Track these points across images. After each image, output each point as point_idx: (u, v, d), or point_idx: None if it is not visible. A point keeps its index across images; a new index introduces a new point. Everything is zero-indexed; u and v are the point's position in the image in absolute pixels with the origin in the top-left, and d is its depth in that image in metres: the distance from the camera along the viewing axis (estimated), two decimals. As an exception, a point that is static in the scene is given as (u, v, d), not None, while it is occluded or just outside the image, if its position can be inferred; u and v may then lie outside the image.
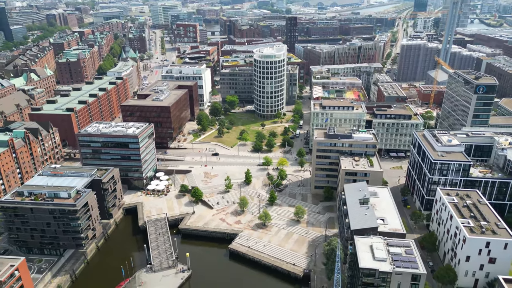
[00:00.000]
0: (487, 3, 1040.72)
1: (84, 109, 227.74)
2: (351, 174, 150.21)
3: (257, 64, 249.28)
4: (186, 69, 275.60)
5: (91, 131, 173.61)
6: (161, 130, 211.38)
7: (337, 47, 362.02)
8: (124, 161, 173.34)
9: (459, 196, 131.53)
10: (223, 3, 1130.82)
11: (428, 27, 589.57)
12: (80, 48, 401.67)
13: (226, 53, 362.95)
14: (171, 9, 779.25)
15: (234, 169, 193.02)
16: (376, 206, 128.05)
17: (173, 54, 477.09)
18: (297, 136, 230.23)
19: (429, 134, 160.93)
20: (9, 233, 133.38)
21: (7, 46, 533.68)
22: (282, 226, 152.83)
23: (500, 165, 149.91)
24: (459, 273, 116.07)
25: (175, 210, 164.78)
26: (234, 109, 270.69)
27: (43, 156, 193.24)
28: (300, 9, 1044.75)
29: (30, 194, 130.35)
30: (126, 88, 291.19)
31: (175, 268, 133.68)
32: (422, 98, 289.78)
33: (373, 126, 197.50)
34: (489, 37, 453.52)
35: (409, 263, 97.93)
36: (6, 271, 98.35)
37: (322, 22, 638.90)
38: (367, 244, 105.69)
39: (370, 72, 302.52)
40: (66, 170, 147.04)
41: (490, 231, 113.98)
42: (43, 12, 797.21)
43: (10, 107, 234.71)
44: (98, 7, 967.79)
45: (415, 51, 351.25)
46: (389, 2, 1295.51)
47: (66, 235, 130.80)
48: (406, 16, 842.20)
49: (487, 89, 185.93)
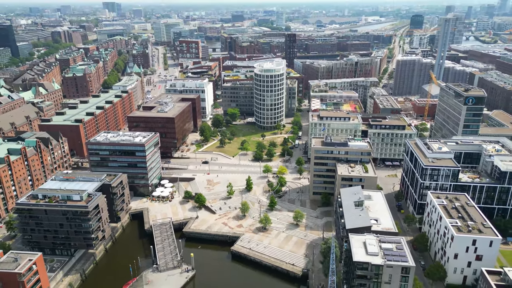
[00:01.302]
0: (482, 21, 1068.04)
1: (91, 121, 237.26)
2: (347, 180, 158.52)
3: (258, 78, 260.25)
4: (189, 83, 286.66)
5: (100, 140, 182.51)
6: (166, 140, 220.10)
7: (334, 62, 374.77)
8: (130, 169, 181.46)
9: (448, 199, 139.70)
10: (224, 21, 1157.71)
11: (423, 44, 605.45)
12: (86, 63, 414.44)
13: (227, 68, 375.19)
14: (173, 26, 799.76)
15: (235, 177, 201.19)
16: (370, 208, 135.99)
17: (176, 69, 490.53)
18: (296, 146, 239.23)
19: (420, 142, 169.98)
20: (23, 234, 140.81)
21: (13, 62, 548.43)
22: (282, 229, 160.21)
23: (488, 171, 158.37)
24: (448, 270, 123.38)
25: (179, 215, 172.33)
26: (235, 121, 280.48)
27: (53, 165, 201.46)
28: (299, 26, 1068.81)
29: (44, 197, 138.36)
30: (131, 101, 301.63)
31: (180, 268, 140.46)
32: (417, 111, 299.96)
33: (369, 136, 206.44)
34: (482, 53, 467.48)
35: (399, 257, 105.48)
36: (25, 265, 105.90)
37: (321, 39, 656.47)
38: (360, 240, 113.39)
39: (367, 86, 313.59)
40: (78, 175, 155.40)
41: (477, 230, 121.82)
42: (48, 29, 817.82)
43: (20, 118, 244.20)
44: (102, 24, 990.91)
45: (410, 66, 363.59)
46: (386, 20, 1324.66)
47: (77, 236, 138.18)
48: (402, 33, 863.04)
49: (476, 101, 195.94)
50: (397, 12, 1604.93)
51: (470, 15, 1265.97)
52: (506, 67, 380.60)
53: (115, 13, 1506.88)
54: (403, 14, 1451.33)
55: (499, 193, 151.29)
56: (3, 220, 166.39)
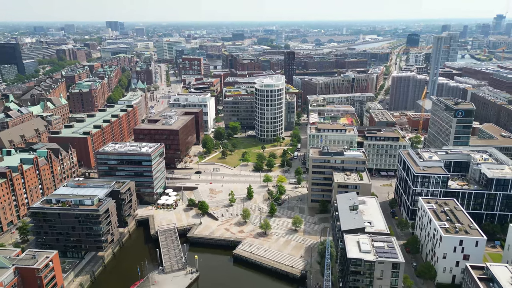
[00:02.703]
0: (478, 40, 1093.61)
1: (98, 133, 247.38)
2: (343, 187, 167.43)
3: (258, 93, 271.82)
4: (192, 97, 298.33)
5: (108, 150, 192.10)
6: (170, 152, 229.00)
7: (332, 78, 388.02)
8: (137, 177, 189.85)
9: (438, 204, 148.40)
10: (225, 39, 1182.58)
11: (419, 61, 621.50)
12: (91, 80, 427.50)
13: (229, 84, 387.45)
14: (175, 44, 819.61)
15: (237, 186, 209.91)
16: (364, 212, 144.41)
17: (178, 86, 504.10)
18: (295, 157, 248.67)
19: (412, 152, 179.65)
20: (36, 237, 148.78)
21: (20, 79, 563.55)
22: (281, 234, 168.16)
23: (476, 178, 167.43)
24: (438, 269, 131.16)
25: (183, 221, 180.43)
26: (236, 134, 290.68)
27: (62, 175, 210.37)
28: (298, 45, 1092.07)
29: (57, 201, 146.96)
30: (135, 115, 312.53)
31: (185, 270, 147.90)
32: (412, 125, 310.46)
33: (364, 147, 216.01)
34: (475, 70, 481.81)
35: (390, 254, 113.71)
36: (43, 261, 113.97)
37: (319, 57, 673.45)
38: (354, 240, 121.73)
39: (363, 101, 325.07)
40: (89, 182, 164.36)
41: (463, 231, 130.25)
42: (53, 48, 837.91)
43: (30, 131, 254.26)
44: (105, 43, 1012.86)
45: (405, 83, 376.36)
46: (384, 39, 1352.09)
47: (88, 238, 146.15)
48: (399, 51, 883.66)
49: (466, 113, 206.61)
50: (394, 31, 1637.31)
51: (466, 34, 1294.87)
52: (498, 83, 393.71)
53: (118, 32, 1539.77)
54: (400, 33, 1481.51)
55: (486, 199, 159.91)
56: (15, 226, 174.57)
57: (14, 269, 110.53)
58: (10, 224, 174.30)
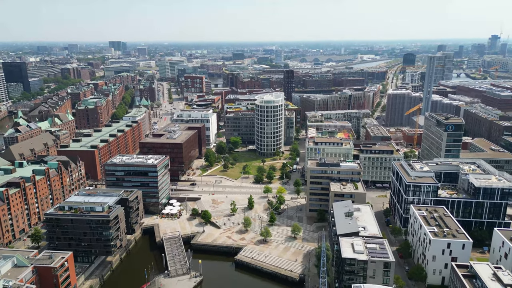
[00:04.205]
0: (473, 60, 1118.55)
1: (105, 147, 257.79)
2: (339, 195, 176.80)
3: (258, 109, 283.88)
4: (195, 113, 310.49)
5: (116, 162, 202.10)
6: (173, 164, 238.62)
7: (329, 95, 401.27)
8: (143, 188, 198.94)
9: (428, 211, 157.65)
10: (225, 59, 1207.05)
11: (415, 80, 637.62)
12: (97, 97, 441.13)
13: (230, 101, 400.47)
14: (177, 63, 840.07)
15: (238, 197, 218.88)
16: (358, 218, 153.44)
17: (180, 103, 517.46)
18: (294, 170, 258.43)
19: (405, 163, 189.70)
20: (49, 242, 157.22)
21: (25, 96, 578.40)
22: (281, 241, 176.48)
23: (465, 188, 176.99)
24: (428, 272, 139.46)
25: (187, 229, 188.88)
26: (237, 149, 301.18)
27: (70, 186, 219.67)
28: (298, 64, 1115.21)
29: (70, 208, 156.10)
30: (140, 130, 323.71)
31: (189, 274, 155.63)
32: (407, 140, 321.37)
33: (360, 160, 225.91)
34: (469, 88, 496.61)
35: (381, 254, 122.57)
36: (59, 261, 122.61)
37: (318, 75, 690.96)
38: (349, 242, 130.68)
39: (360, 117, 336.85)
40: (98, 190, 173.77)
41: (451, 235, 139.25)
42: (58, 67, 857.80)
43: (39, 145, 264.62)
44: (109, 62, 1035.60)
45: (400, 100, 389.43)
46: (381, 58, 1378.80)
47: (98, 243, 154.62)
48: (396, 70, 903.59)
49: (455, 128, 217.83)
50: (391, 50, 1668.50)
51: (462, 53, 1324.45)
52: (491, 100, 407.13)
53: (120, 51, 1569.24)
54: (397, 53, 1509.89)
55: (475, 207, 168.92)
56: (26, 234, 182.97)
57: (32, 268, 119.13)
58: (21, 232, 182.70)
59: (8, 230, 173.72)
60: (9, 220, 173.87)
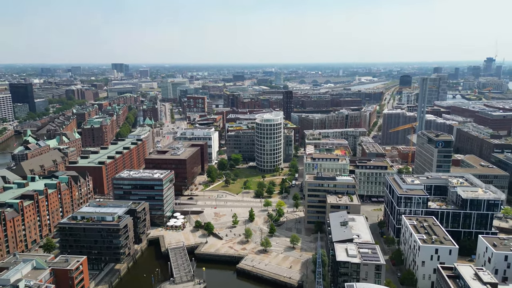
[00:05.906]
0: (469, 81, 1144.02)
1: (112, 163, 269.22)
2: (335, 207, 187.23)
3: (259, 127, 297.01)
4: (198, 131, 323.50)
5: (123, 176, 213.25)
6: (177, 180, 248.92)
7: (327, 115, 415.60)
8: (149, 200, 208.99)
9: (418, 221, 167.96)
10: (226, 80, 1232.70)
11: (411, 100, 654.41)
12: (102, 117, 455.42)
13: (231, 120, 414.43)
14: (179, 85, 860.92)
15: (239, 210, 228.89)
16: (353, 227, 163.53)
17: (182, 123, 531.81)
18: (293, 186, 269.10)
19: (397, 177, 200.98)
20: (62, 250, 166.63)
21: (31, 116, 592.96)
22: (280, 251, 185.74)
23: (453, 200, 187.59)
24: (419, 277, 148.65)
25: (191, 240, 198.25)
26: (238, 165, 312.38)
27: (79, 200, 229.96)
28: (297, 85, 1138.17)
29: (82, 217, 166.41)
30: (144, 148, 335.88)
31: (193, 281, 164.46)
32: (401, 157, 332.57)
33: (356, 175, 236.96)
34: (463, 108, 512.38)
35: (373, 257, 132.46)
36: (75, 264, 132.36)
37: (316, 96, 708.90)
38: (343, 247, 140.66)
39: (356, 135, 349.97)
40: (108, 202, 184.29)
41: (439, 242, 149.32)
42: (62, 88, 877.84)
43: (48, 161, 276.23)
44: (112, 83, 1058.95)
45: (396, 119, 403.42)
46: (379, 80, 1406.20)
47: (108, 251, 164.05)
48: (393, 91, 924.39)
49: (445, 144, 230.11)
50: (388, 72, 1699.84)
51: (458, 75, 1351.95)
52: (483, 120, 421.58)
53: (123, 73, 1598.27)
54: (395, 75, 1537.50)
55: (463, 218, 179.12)
56: (37, 245, 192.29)
57: (50, 270, 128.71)
58: (33, 243, 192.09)
59: (22, 240, 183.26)
60: (23, 230, 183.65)
